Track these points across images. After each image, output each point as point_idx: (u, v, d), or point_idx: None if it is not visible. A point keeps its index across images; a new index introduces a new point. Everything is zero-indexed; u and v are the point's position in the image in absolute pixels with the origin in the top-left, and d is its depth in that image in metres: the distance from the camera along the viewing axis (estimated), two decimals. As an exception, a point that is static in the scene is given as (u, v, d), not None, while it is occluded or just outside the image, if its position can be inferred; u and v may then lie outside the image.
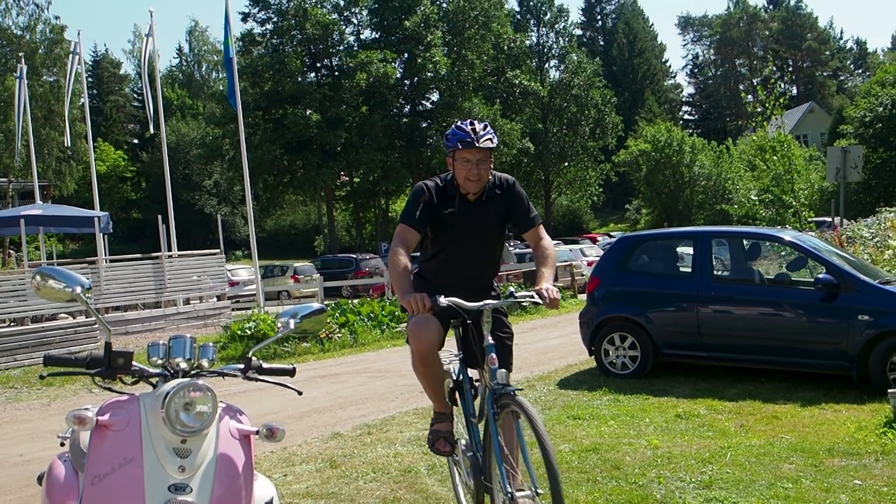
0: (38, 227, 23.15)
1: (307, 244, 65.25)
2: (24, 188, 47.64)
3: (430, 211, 4.88)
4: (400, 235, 4.85)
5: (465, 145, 4.74)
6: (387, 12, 55.03)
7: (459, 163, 4.81)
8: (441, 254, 5.02)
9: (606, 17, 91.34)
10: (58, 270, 3.25)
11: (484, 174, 4.83)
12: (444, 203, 4.90)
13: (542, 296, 4.47)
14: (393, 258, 4.75)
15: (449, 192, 4.93)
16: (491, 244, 5.08)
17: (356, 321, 16.90)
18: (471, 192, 4.87)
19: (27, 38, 47.54)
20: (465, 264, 5.00)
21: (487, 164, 4.84)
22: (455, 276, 4.96)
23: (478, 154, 4.77)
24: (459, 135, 4.79)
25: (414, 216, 4.86)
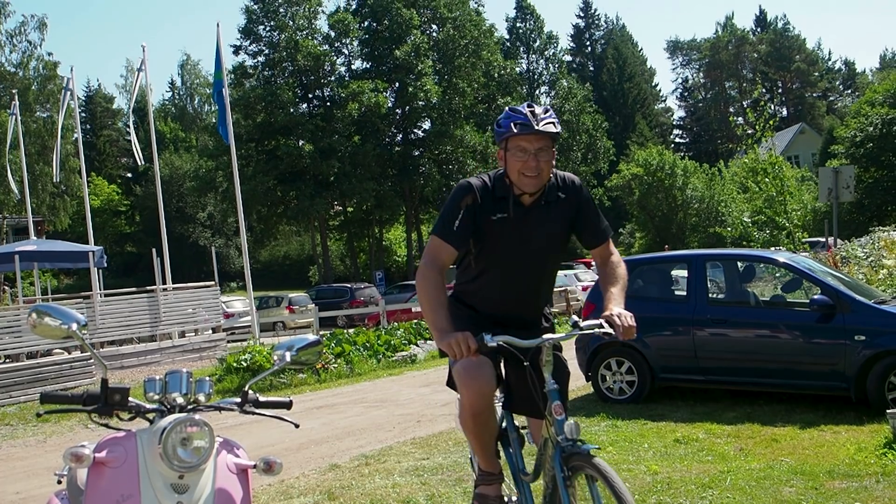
0: (32, 262, 23.10)
1: (302, 274, 65.21)
2: (19, 224, 47.53)
3: (475, 218, 3.97)
4: (432, 253, 4.00)
5: (521, 129, 3.86)
6: (377, 42, 55.38)
7: (513, 153, 3.93)
8: (487, 273, 4.12)
9: (595, 42, 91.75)
10: (53, 307, 3.24)
11: (544, 168, 3.91)
12: (493, 207, 4.00)
13: (614, 324, 3.72)
14: (423, 284, 3.93)
15: (499, 192, 4.01)
16: (550, 261, 4.21)
17: (352, 351, 16.87)
18: (527, 191, 3.96)
19: (20, 75, 47.62)
20: (519, 287, 4.12)
21: (549, 156, 3.92)
22: (505, 302, 4.13)
23: (537, 141, 3.88)
24: (514, 117, 3.90)
25: (451, 227, 3.96)
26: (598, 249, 4.21)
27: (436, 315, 3.83)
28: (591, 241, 4.20)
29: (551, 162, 3.94)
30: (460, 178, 42.47)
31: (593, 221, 4.16)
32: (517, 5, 72.86)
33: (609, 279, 4.11)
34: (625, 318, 3.73)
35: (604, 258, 4.20)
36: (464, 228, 3.95)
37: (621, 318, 3.72)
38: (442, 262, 3.97)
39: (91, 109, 79.61)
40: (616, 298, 3.95)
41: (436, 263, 3.96)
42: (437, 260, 3.96)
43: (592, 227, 4.16)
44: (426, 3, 56.06)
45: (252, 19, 54.60)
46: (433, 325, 3.84)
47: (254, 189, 49.03)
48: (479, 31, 57.52)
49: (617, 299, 3.94)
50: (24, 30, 47.83)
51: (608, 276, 4.13)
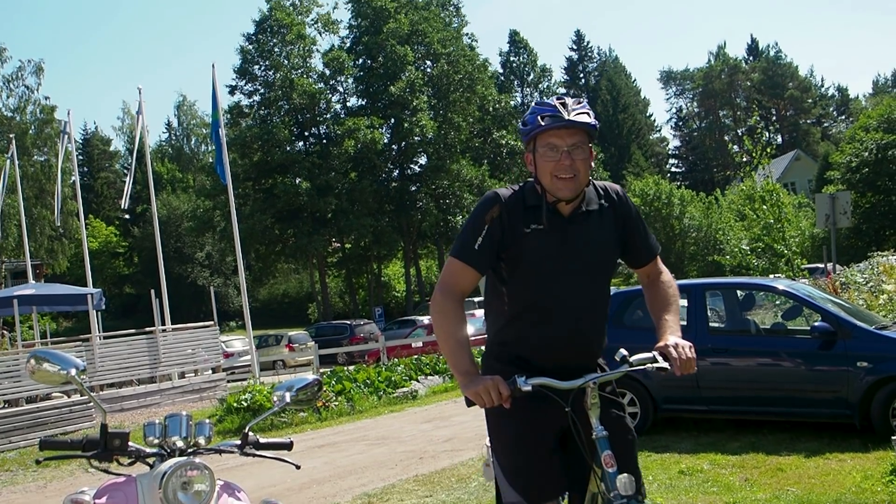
0: (31, 306, 23.09)
1: (301, 312, 65.07)
2: (17, 268, 47.61)
3: (503, 235, 3.29)
4: (448, 279, 3.34)
5: (550, 121, 3.23)
6: (372, 79, 55.69)
7: (543, 153, 3.28)
8: (530, 307, 3.34)
9: (589, 74, 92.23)
10: (52, 353, 3.23)
11: (581, 168, 3.26)
12: (526, 218, 3.30)
13: (670, 357, 3.19)
14: (440, 320, 3.31)
15: (530, 201, 3.34)
16: (603, 281, 3.45)
17: (352, 388, 16.80)
18: (564, 197, 3.28)
19: (18, 120, 47.91)
20: (574, 319, 3.32)
21: (585, 154, 3.28)
22: (561, 344, 3.32)
23: (570, 137, 3.25)
24: (541, 110, 3.28)
25: (472, 245, 3.29)
26: (646, 268, 3.62)
27: (457, 356, 3.22)
28: (639, 260, 3.59)
29: (589, 161, 3.31)
30: (457, 213, 42.47)
31: (642, 236, 3.55)
32: (510, 40, 73.52)
33: (659, 302, 3.52)
34: (682, 349, 3.21)
35: (652, 277, 3.61)
36: (489, 247, 3.28)
37: (678, 349, 3.20)
38: (461, 290, 3.33)
39: (88, 152, 79.86)
40: (671, 326, 3.37)
41: (454, 292, 3.31)
42: (454, 287, 3.32)
43: (642, 243, 3.55)
44: (420, 39, 56.38)
45: (247, 59, 54.88)
46: (455, 368, 3.21)
47: (251, 228, 49.10)
48: (473, 66, 57.83)
49: (672, 327, 3.37)
50: (21, 74, 48.27)
51: (658, 299, 3.53)
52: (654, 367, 3.20)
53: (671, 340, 3.24)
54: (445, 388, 17.71)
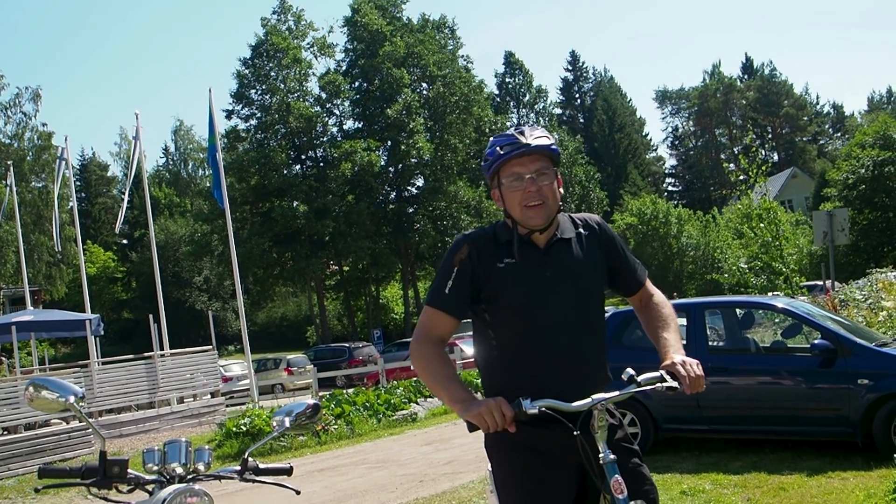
0: (29, 333, 23.05)
1: (299, 335, 65.00)
2: (15, 294, 47.55)
3: (474, 274, 3.21)
4: (423, 326, 3.28)
5: (511, 149, 3.19)
6: (368, 102, 55.86)
7: (508, 185, 3.23)
8: (515, 341, 3.21)
9: (584, 94, 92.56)
10: (50, 380, 3.21)
11: (549, 193, 3.19)
12: (498, 254, 3.23)
13: (679, 375, 3.10)
14: (420, 363, 3.23)
15: (502, 237, 3.28)
16: (590, 307, 3.30)
17: (352, 411, 16.75)
18: (535, 226, 3.21)
19: (15, 146, 47.99)
20: (559, 347, 3.18)
21: (552, 179, 3.22)
22: (548, 375, 3.16)
23: (532, 163, 3.20)
24: (499, 141, 3.27)
25: (443, 291, 3.22)
26: (637, 294, 3.52)
27: (449, 389, 3.12)
28: (628, 287, 3.50)
29: (556, 186, 3.24)
30: (455, 234, 42.52)
31: (629, 262, 3.46)
32: (506, 61, 73.81)
33: (656, 323, 3.41)
34: (690, 367, 3.10)
35: (644, 301, 3.51)
36: (459, 290, 3.21)
37: (686, 367, 3.10)
38: (438, 335, 3.25)
39: (86, 177, 79.95)
40: (673, 344, 3.27)
41: (430, 336, 3.24)
42: (430, 332, 3.25)
43: (628, 270, 3.46)
44: (416, 62, 56.59)
45: (243, 84, 55.03)
46: (450, 399, 3.10)
47: (249, 251, 49.09)
48: (469, 87, 58.05)
49: (674, 345, 3.27)
50: (18, 101, 48.43)
51: (655, 320, 3.42)
52: (664, 386, 3.11)
53: (678, 358, 3.14)
54: (445, 411, 17.64)
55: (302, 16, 57.61)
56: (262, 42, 54.94)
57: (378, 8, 57.50)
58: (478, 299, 3.27)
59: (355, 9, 56.71)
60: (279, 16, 56.91)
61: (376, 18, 55.98)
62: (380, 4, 58.13)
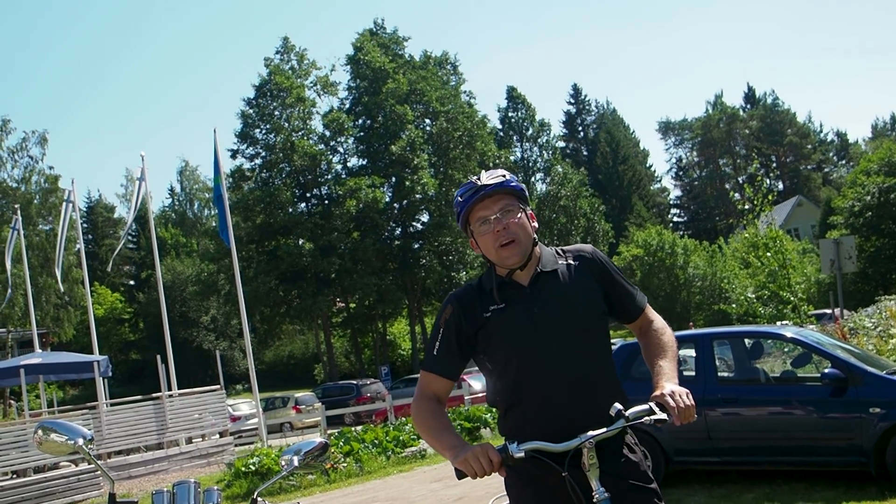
0: (38, 375, 23.04)
1: (307, 373, 64.85)
2: (24, 337, 47.60)
3: (460, 331, 3.24)
4: (419, 386, 3.34)
5: (469, 196, 3.23)
6: (372, 139, 56.17)
7: (478, 228, 3.24)
8: (519, 384, 3.18)
9: (587, 127, 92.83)
10: (59, 423, 3.22)
11: (518, 230, 3.19)
12: (483, 304, 3.24)
13: (668, 406, 2.99)
14: (418, 418, 3.29)
15: (486, 285, 3.29)
16: (588, 334, 3.23)
17: (360, 449, 16.66)
18: (511, 264, 3.21)
19: (22, 190, 48.26)
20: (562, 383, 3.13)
21: (516, 214, 3.21)
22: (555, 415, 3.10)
23: (495, 203, 3.21)
24: (460, 191, 3.29)
25: (432, 354, 3.29)
26: (637, 321, 3.44)
27: (440, 437, 3.15)
28: (628, 314, 3.43)
29: (525, 222, 3.24)
30: (461, 269, 42.53)
31: (624, 288, 3.40)
32: (508, 95, 73.98)
33: (653, 349, 3.34)
34: (679, 396, 3.00)
35: (644, 328, 3.43)
36: (447, 350, 3.25)
37: (675, 397, 3.00)
38: (433, 393, 3.29)
39: (92, 219, 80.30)
40: (666, 373, 3.18)
41: (426, 395, 3.29)
42: (426, 392, 3.30)
43: (625, 296, 3.39)
44: (419, 98, 56.92)
45: (248, 123, 55.34)
46: (442, 447, 3.13)
47: (256, 290, 49.17)
48: (472, 122, 58.32)
49: (667, 374, 3.17)
50: (25, 145, 48.76)
51: (652, 347, 3.35)
52: (653, 419, 3.00)
53: (667, 388, 3.04)
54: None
55: (305, 55, 58.08)
56: (265, 82, 55.32)
57: (380, 46, 57.97)
58: (475, 350, 3.28)
59: (358, 47, 57.19)
60: (282, 55, 57.37)
61: (379, 56, 56.39)
62: (382, 42, 58.63)
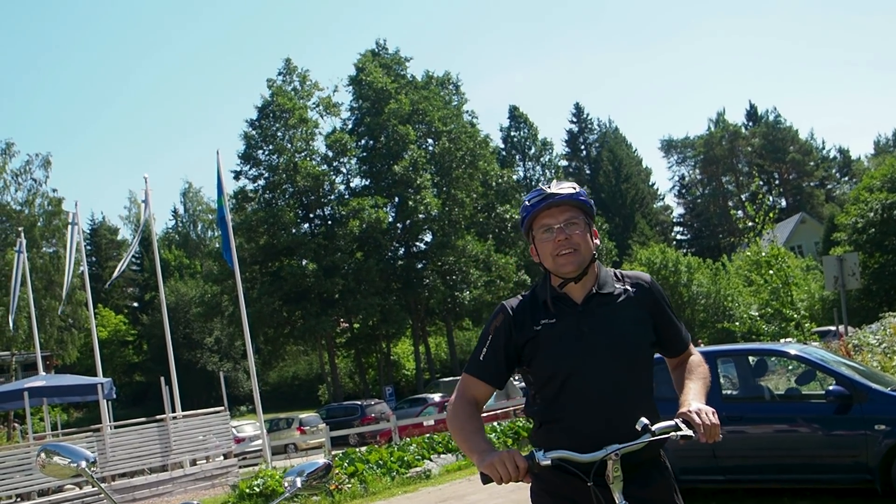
0: (42, 398, 23.01)
1: (311, 394, 64.77)
2: (27, 360, 47.61)
3: (509, 341, 3.26)
4: (459, 388, 3.34)
5: (537, 202, 3.25)
6: (375, 159, 56.25)
7: (539, 237, 3.28)
8: (558, 402, 3.22)
9: (590, 146, 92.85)
10: (62, 446, 3.22)
11: (580, 241, 3.22)
12: (535, 317, 3.27)
13: (694, 423, 3.04)
14: (452, 420, 3.28)
15: (540, 297, 3.31)
16: (635, 362, 3.28)
17: (365, 469, 16.61)
18: (568, 273, 3.23)
19: (26, 213, 48.32)
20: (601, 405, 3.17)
21: (582, 227, 3.25)
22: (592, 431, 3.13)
23: (561, 213, 3.24)
24: (529, 196, 3.31)
25: (477, 359, 3.31)
26: (679, 357, 3.50)
27: (470, 440, 3.15)
28: (673, 348, 3.47)
29: (588, 235, 3.26)
30: (464, 289, 42.59)
31: (674, 323, 3.43)
32: (510, 115, 74.29)
33: (687, 374, 3.39)
34: (705, 414, 3.05)
35: (682, 361, 3.48)
36: (493, 356, 3.27)
37: (701, 415, 3.05)
38: (472, 397, 3.30)
39: (96, 242, 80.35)
40: (693, 391, 3.25)
41: (464, 397, 3.30)
42: (465, 394, 3.31)
43: (674, 330, 3.42)
44: (421, 118, 57.06)
45: (251, 144, 55.44)
46: (470, 449, 3.13)
47: (260, 311, 49.17)
48: (475, 142, 58.46)
49: (694, 391, 3.25)
50: (29, 168, 48.87)
51: (686, 371, 3.41)
52: (679, 435, 3.05)
53: (693, 406, 3.11)
54: (459, 467, 17.51)
55: (307, 76, 58.26)
56: (268, 103, 55.43)
57: (382, 66, 58.15)
58: (521, 362, 3.30)
59: (360, 68, 57.36)
60: (285, 77, 57.54)
61: (381, 76, 56.55)
62: (384, 63, 58.82)
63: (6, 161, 48.25)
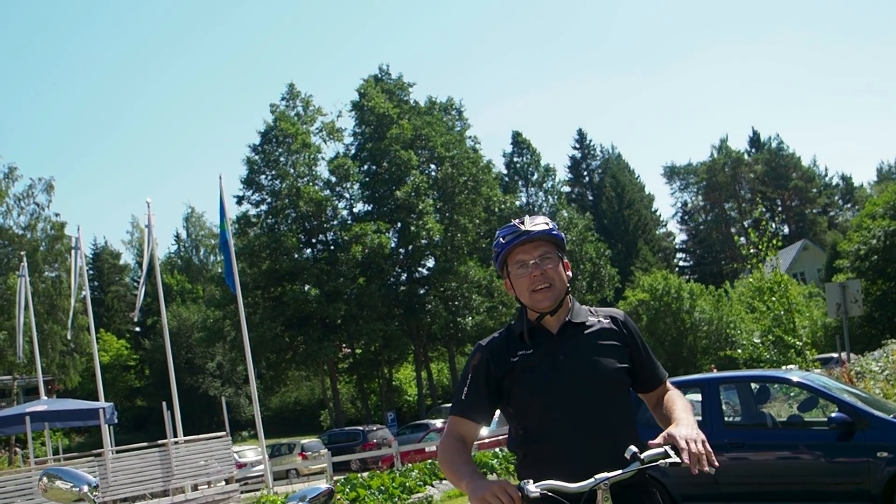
0: (43, 423, 22.97)
1: (313, 419, 64.61)
2: (29, 384, 47.60)
3: (488, 376, 3.32)
4: (446, 430, 3.39)
5: (513, 238, 3.34)
6: (378, 185, 56.28)
7: (514, 272, 3.36)
8: (534, 428, 3.28)
9: (593, 172, 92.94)
10: (64, 471, 3.23)
11: (555, 276, 3.31)
12: (511, 350, 3.34)
13: (680, 448, 2.97)
14: (442, 456, 3.29)
15: (516, 331, 3.39)
16: (613, 387, 3.30)
17: (367, 495, 16.59)
18: (544, 308, 3.31)
19: (28, 237, 48.38)
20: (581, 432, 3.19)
21: (555, 262, 3.34)
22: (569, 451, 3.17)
23: (535, 249, 3.32)
24: (502, 232, 3.41)
25: (460, 399, 3.35)
26: (656, 391, 3.49)
27: (460, 471, 3.14)
28: (648, 382, 3.47)
29: (561, 270, 3.34)
30: (467, 314, 42.47)
31: (649, 358, 3.46)
32: (513, 140, 74.41)
33: (669, 404, 3.36)
34: (693, 442, 2.97)
35: (660, 397, 3.47)
36: (475, 394, 3.32)
37: (691, 441, 2.97)
38: (459, 435, 3.31)
39: (98, 266, 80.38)
40: (680, 416, 3.19)
41: (452, 436, 3.32)
42: (453, 434, 3.33)
43: (649, 365, 3.45)
44: (424, 143, 57.14)
45: (253, 169, 55.53)
46: (460, 480, 3.11)
47: (262, 336, 49.11)
48: (477, 167, 58.52)
49: (681, 417, 3.18)
50: (31, 192, 48.94)
51: (667, 401, 3.39)
52: (667, 462, 2.99)
53: (682, 431, 3.03)
54: (461, 493, 17.45)
55: (310, 101, 58.49)
56: (271, 128, 55.56)
57: (385, 92, 58.33)
58: (501, 396, 3.36)
59: (362, 93, 57.52)
60: (288, 102, 57.76)
61: (383, 102, 56.69)
62: (387, 88, 59.02)
63: (9, 185, 48.37)
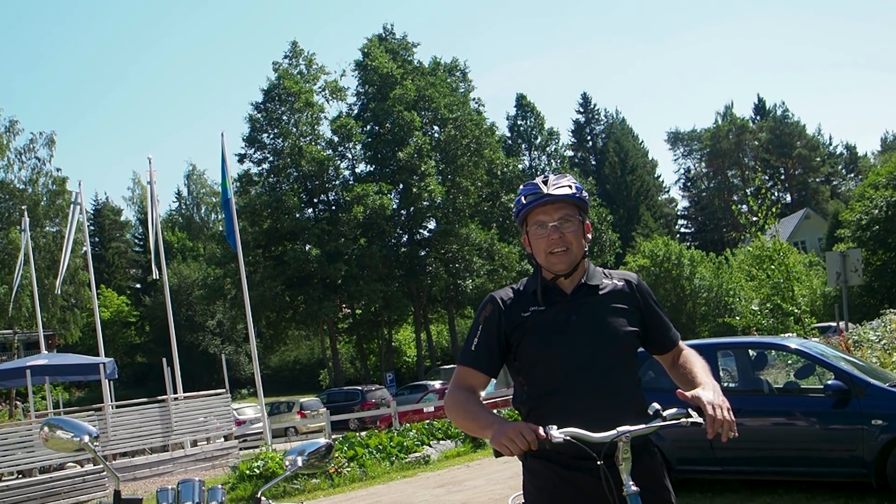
0: (44, 377, 23.10)
1: (312, 378, 64.91)
2: (30, 338, 47.74)
3: (499, 329, 3.32)
4: (454, 379, 3.39)
5: (534, 199, 3.29)
6: (380, 145, 56.02)
7: (534, 231, 3.33)
8: (541, 384, 3.28)
9: (596, 136, 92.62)
10: (65, 420, 3.26)
11: (573, 240, 3.27)
12: (523, 305, 3.34)
13: (706, 412, 3.02)
14: (451, 405, 3.32)
15: (530, 287, 3.38)
16: (619, 348, 3.30)
17: (364, 454, 16.69)
18: (559, 271, 3.29)
19: (29, 192, 48.31)
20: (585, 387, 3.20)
21: (576, 226, 3.29)
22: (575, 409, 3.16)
23: (556, 211, 3.28)
24: (524, 190, 3.36)
25: (469, 349, 3.35)
26: (670, 353, 3.50)
27: (476, 417, 3.19)
28: (662, 344, 3.49)
29: (581, 233, 3.31)
30: (467, 277, 42.44)
31: (662, 319, 3.46)
32: (517, 103, 74.04)
33: (689, 365, 3.37)
34: (720, 405, 3.01)
35: (675, 358, 3.48)
36: (485, 345, 3.31)
37: (716, 405, 3.01)
38: (468, 385, 3.32)
39: (99, 222, 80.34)
40: (704, 380, 3.21)
41: (460, 386, 3.33)
42: (461, 384, 3.33)
43: (662, 327, 3.46)
44: (427, 105, 56.85)
45: (256, 128, 55.30)
46: (479, 426, 3.17)
47: (262, 295, 49.14)
48: (481, 130, 58.24)
49: (703, 380, 3.21)
50: (33, 147, 48.77)
51: (687, 363, 3.40)
52: (689, 422, 3.07)
53: (706, 395, 3.05)
54: (458, 453, 17.59)
55: (314, 60, 58.07)
56: (274, 86, 55.29)
57: (389, 52, 57.91)
58: (509, 351, 3.35)
59: (366, 53, 57.12)
60: (291, 60, 57.37)
61: (387, 62, 56.30)
62: (391, 48, 58.59)
63: (10, 139, 48.21)
